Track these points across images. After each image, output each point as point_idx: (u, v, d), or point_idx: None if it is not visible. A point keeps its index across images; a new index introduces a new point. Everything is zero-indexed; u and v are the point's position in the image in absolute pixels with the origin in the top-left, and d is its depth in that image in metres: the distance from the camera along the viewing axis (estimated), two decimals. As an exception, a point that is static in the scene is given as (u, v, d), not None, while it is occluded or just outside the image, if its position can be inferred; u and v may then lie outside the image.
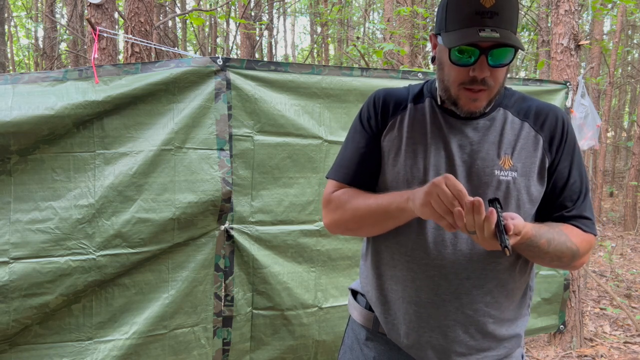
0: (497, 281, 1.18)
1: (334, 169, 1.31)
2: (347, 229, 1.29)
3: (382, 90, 1.29)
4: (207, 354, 2.31)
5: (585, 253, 1.18)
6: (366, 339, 1.33)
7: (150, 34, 3.37)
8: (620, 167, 14.69)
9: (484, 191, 1.15)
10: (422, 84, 1.29)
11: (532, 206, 1.19)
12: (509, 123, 1.19)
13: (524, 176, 1.16)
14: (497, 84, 1.12)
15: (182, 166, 2.18)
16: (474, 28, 1.05)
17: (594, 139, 3.17)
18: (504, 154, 1.16)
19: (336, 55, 13.45)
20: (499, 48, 1.06)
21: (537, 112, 1.21)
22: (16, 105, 1.93)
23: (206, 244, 2.26)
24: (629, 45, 12.69)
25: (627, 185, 8.27)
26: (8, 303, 1.93)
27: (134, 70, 2.14)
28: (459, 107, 1.15)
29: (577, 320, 3.35)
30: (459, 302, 1.17)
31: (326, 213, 1.29)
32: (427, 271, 1.18)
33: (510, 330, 1.23)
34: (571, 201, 1.20)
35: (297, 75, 2.39)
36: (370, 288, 1.31)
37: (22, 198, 1.98)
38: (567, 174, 1.20)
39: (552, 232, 1.12)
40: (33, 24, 11.74)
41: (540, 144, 1.19)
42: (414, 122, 1.22)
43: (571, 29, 3.37)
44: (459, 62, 1.09)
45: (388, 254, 1.25)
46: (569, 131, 1.21)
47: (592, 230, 1.21)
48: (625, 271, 5.66)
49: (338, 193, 1.26)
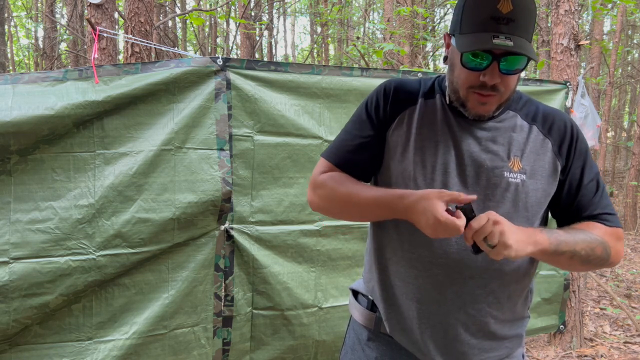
0: (501, 282, 1.18)
1: (330, 149, 1.29)
2: (330, 210, 1.29)
3: (395, 80, 1.26)
4: (207, 354, 2.31)
5: (615, 246, 1.17)
6: (368, 339, 1.32)
7: (150, 34, 3.37)
8: (620, 167, 14.69)
9: (492, 192, 1.14)
10: (433, 79, 1.27)
11: (540, 209, 1.19)
12: (518, 126, 1.19)
13: (532, 179, 1.16)
14: (507, 90, 1.11)
15: (182, 166, 2.18)
16: (489, 34, 1.03)
17: (594, 139, 3.17)
18: (514, 156, 1.16)
19: (336, 55, 13.45)
20: (512, 56, 1.05)
21: (544, 116, 1.21)
22: (16, 105, 1.93)
23: (206, 244, 2.26)
24: (629, 45, 12.69)
25: (627, 185, 8.27)
26: (8, 303, 1.93)
27: (134, 70, 2.14)
28: (467, 109, 1.14)
29: (577, 320, 3.34)
30: (462, 301, 1.17)
31: (313, 190, 1.27)
32: (430, 269, 1.18)
33: (512, 331, 1.23)
34: (589, 201, 1.20)
35: (297, 75, 2.38)
36: (374, 283, 1.30)
37: (22, 198, 1.98)
38: (581, 176, 1.20)
39: (573, 233, 1.12)
40: (33, 24, 11.74)
41: (549, 147, 1.19)
42: (423, 118, 1.20)
43: (571, 29, 3.37)
44: (470, 66, 1.08)
45: (391, 249, 1.24)
46: (578, 135, 1.21)
47: (617, 223, 1.20)
48: (625, 271, 5.66)
49: (330, 175, 1.24)
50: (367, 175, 1.28)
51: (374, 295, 1.31)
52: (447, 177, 1.16)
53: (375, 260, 1.30)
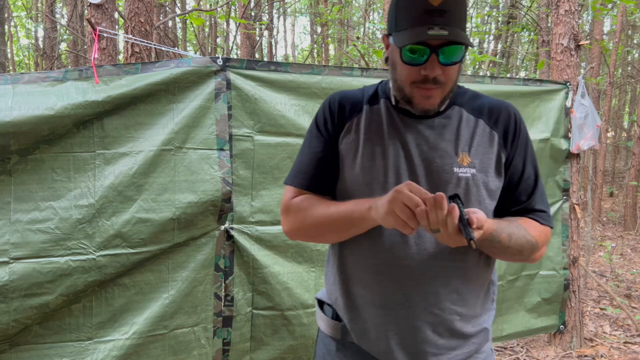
0: (463, 278, 1.19)
1: (291, 175, 1.29)
2: (307, 236, 1.29)
3: (338, 94, 1.28)
4: (207, 354, 2.31)
5: (542, 245, 1.21)
6: (337, 349, 1.31)
7: (150, 34, 3.37)
8: (620, 167, 14.69)
9: (444, 189, 1.16)
10: (376, 85, 1.29)
11: (492, 201, 1.21)
12: (464, 120, 1.21)
13: (482, 172, 1.18)
14: (449, 81, 1.13)
15: (182, 166, 2.18)
16: (424, 27, 1.05)
17: (594, 139, 3.17)
18: (462, 151, 1.18)
19: (336, 55, 13.44)
20: (449, 46, 1.07)
21: (491, 109, 1.23)
22: (16, 105, 1.93)
23: (206, 244, 2.26)
24: (629, 45, 12.69)
25: (627, 185, 8.27)
26: (8, 303, 1.93)
27: (134, 70, 2.14)
28: (414, 105, 1.15)
29: (577, 320, 3.35)
30: (427, 302, 1.17)
31: (285, 220, 1.28)
32: (393, 273, 1.18)
33: (477, 326, 1.24)
34: (527, 195, 1.23)
35: (297, 75, 2.39)
36: (338, 295, 1.29)
37: (22, 198, 1.98)
38: (522, 169, 1.22)
39: (512, 227, 1.14)
40: (33, 24, 11.75)
41: (496, 139, 1.20)
42: (370, 124, 1.22)
43: (571, 29, 3.37)
44: (410, 61, 1.09)
45: (353, 258, 1.24)
46: (521, 127, 1.23)
47: (549, 222, 1.24)
48: (625, 271, 5.66)
49: (297, 200, 1.25)
50: (333, 190, 1.28)
51: (337, 306, 1.30)
52: (400, 179, 1.16)
53: (337, 271, 1.29)
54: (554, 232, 3.14)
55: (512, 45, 10.53)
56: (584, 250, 5.39)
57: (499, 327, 3.04)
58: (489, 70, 9.51)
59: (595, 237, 7.47)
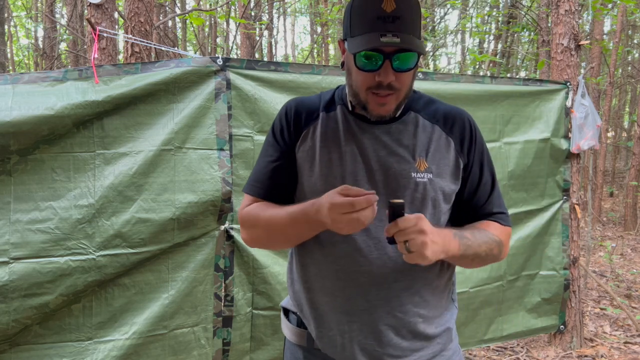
0: (425, 280, 1.20)
1: (248, 183, 1.30)
2: (263, 243, 1.31)
3: (294, 101, 1.29)
4: (207, 354, 2.31)
5: (507, 244, 1.27)
6: (304, 357, 1.31)
7: (150, 34, 3.37)
8: (620, 167, 14.69)
9: (402, 193, 1.17)
10: (333, 91, 1.29)
11: (448, 204, 1.23)
12: (420, 126, 1.22)
13: (438, 177, 1.19)
14: (404, 87, 1.13)
15: (182, 166, 2.18)
16: (376, 33, 1.05)
17: (594, 139, 3.17)
18: (419, 157, 1.19)
19: (336, 55, 13.44)
20: (403, 53, 1.08)
21: (445, 116, 1.24)
22: (16, 105, 1.93)
23: (206, 244, 2.26)
24: (629, 45, 12.68)
25: (627, 185, 8.27)
26: (8, 303, 1.93)
27: (134, 70, 2.14)
28: (369, 111, 1.16)
29: (577, 321, 3.34)
30: (390, 306, 1.18)
31: (242, 228, 1.28)
32: (356, 279, 1.18)
33: (440, 327, 1.25)
34: (485, 199, 1.26)
35: (297, 75, 2.38)
36: (302, 303, 1.29)
37: (22, 198, 1.98)
38: (480, 175, 1.25)
39: (477, 234, 1.18)
40: (33, 24, 11.75)
41: (452, 146, 1.22)
42: (326, 131, 1.22)
43: (571, 29, 3.37)
44: (364, 67, 1.10)
45: (315, 266, 1.24)
46: (477, 133, 1.26)
47: (508, 222, 1.29)
48: (626, 271, 5.66)
49: (250, 208, 1.25)
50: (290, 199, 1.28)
51: (302, 314, 1.30)
52: (358, 185, 1.16)
53: (300, 279, 1.29)
54: (554, 232, 3.14)
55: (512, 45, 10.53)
56: (584, 250, 5.39)
57: (499, 327, 3.04)
58: (489, 70, 9.51)
59: (596, 237, 7.47)
